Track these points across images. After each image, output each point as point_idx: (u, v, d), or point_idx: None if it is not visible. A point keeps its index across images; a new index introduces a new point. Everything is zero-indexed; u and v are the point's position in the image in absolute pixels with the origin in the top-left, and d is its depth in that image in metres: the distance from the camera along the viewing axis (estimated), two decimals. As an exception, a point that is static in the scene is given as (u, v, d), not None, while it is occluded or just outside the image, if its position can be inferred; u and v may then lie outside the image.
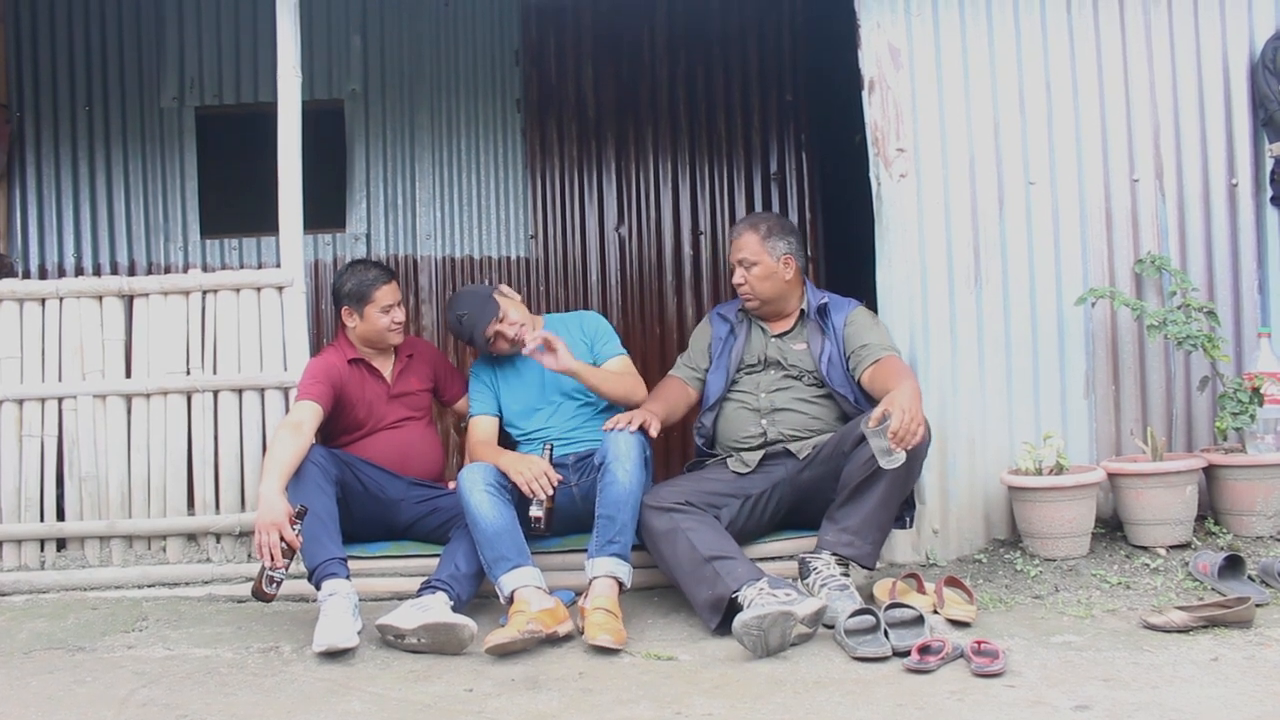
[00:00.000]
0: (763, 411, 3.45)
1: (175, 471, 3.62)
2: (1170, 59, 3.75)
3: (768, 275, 3.47)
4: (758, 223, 3.52)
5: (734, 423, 3.49)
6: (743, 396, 3.49)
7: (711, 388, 3.56)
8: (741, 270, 3.49)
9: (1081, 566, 3.33)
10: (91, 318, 3.67)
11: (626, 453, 3.15)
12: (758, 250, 3.46)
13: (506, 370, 3.68)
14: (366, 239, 5.42)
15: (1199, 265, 3.72)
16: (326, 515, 3.14)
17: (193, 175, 5.39)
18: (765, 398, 3.45)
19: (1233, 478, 3.46)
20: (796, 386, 3.45)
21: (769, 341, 3.53)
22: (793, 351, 3.49)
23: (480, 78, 5.46)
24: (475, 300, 3.59)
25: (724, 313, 3.66)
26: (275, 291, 3.64)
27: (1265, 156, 3.73)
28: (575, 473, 3.46)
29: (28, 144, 5.30)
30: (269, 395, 3.61)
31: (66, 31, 5.34)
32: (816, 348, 3.46)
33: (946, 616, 2.99)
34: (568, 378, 3.51)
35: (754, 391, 3.48)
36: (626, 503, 3.09)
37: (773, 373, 3.48)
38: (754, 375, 3.51)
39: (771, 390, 3.46)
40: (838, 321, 3.47)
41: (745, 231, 3.51)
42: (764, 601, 2.80)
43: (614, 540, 3.08)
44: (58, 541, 3.66)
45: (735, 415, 3.49)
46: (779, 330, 3.55)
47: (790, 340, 3.52)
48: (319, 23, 5.23)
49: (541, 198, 5.47)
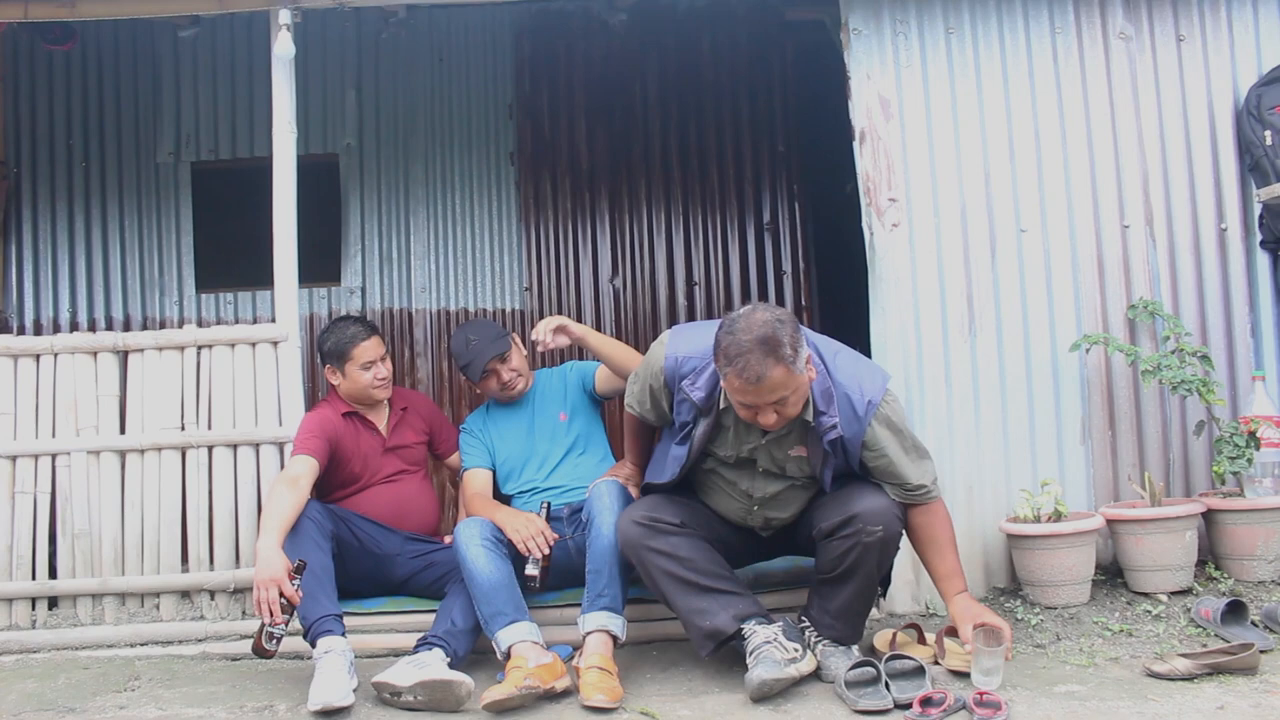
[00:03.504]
0: (754, 500, 3.04)
1: (169, 528, 3.60)
2: (1157, 107, 3.80)
3: (803, 396, 2.79)
4: (775, 348, 2.65)
5: (716, 498, 3.10)
6: (722, 484, 3.06)
7: (668, 461, 3.03)
8: (772, 410, 2.73)
9: (1083, 614, 3.31)
10: (86, 373, 3.66)
11: (610, 505, 3.13)
12: (793, 380, 2.70)
13: (499, 423, 3.68)
14: (361, 292, 5.43)
15: (1191, 310, 3.74)
16: (322, 571, 3.12)
17: (188, 230, 5.41)
18: (758, 494, 3.02)
19: (1232, 522, 3.45)
20: (789, 484, 3.01)
21: (758, 444, 2.92)
22: (789, 460, 2.94)
23: (474, 131, 5.50)
24: (489, 332, 3.63)
25: (692, 394, 2.89)
26: (270, 346, 3.64)
27: (1253, 201, 3.77)
28: (570, 525, 3.44)
29: (24, 200, 5.32)
30: (264, 450, 3.60)
31: (64, 88, 5.38)
32: (817, 460, 2.90)
33: (948, 667, 2.96)
34: (559, 429, 3.58)
35: (736, 483, 3.03)
36: (612, 555, 3.07)
37: (759, 472, 2.99)
38: (731, 469, 3.01)
39: (764, 487, 3.01)
40: (850, 435, 2.86)
41: (770, 369, 2.64)
42: (769, 655, 2.79)
43: (602, 594, 3.05)
44: (49, 600, 3.62)
45: (716, 494, 3.09)
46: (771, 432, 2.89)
47: (783, 444, 2.92)
48: (314, 78, 5.27)
49: (536, 250, 5.49)
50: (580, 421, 3.67)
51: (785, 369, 2.66)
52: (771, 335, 2.65)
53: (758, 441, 2.90)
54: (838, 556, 2.88)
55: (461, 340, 3.62)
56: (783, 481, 2.99)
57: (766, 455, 2.93)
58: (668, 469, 3.03)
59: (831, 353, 2.94)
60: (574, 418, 3.65)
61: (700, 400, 2.88)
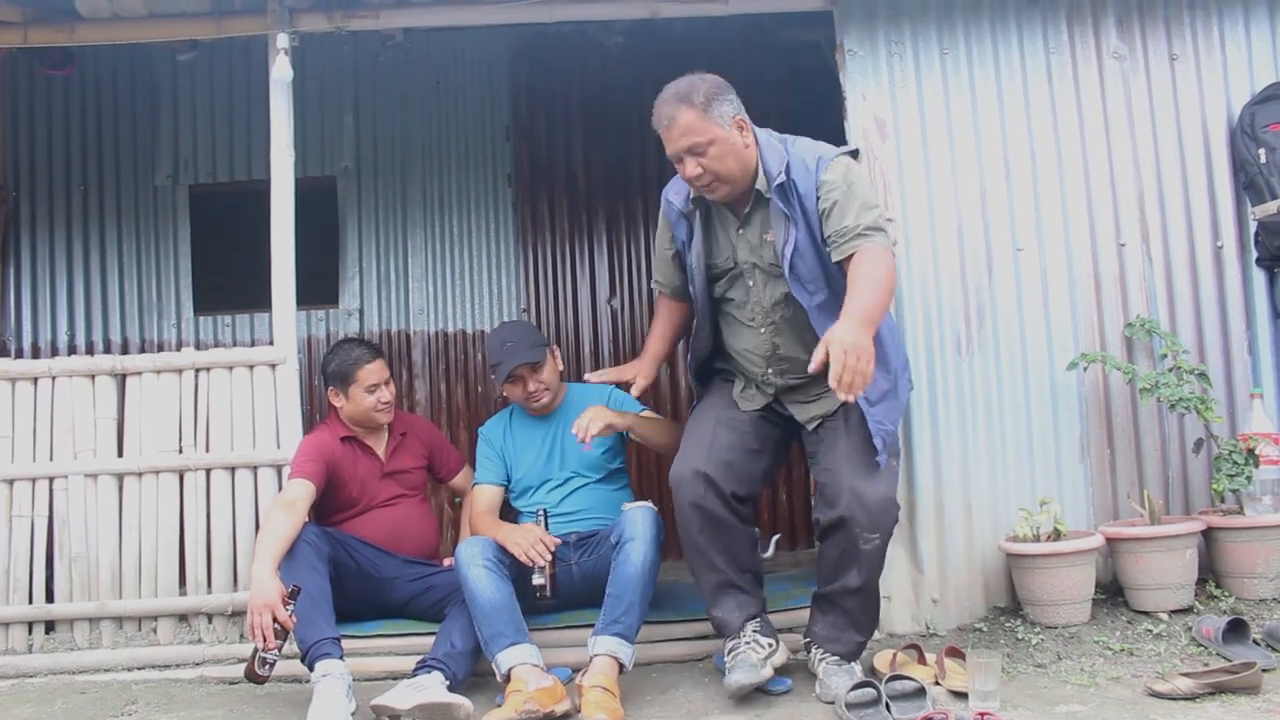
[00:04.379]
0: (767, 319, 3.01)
1: (167, 551, 3.59)
2: (1151, 125, 3.82)
3: (728, 151, 2.81)
4: (687, 94, 2.78)
5: (739, 338, 3.10)
6: (737, 314, 3.08)
7: (697, 306, 3.14)
8: (693, 160, 2.80)
9: (1083, 633, 3.30)
10: (84, 396, 3.66)
11: (644, 533, 3.11)
12: (704, 126, 2.77)
13: (520, 435, 3.63)
14: (359, 314, 5.43)
15: (1188, 327, 3.74)
16: (320, 595, 3.11)
17: (186, 253, 5.42)
18: (766, 302, 3.00)
19: (1232, 540, 3.44)
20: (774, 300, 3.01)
21: (738, 238, 2.98)
22: (765, 246, 2.93)
23: (471, 153, 5.52)
24: (527, 338, 3.57)
25: (673, 199, 3.07)
26: (268, 369, 3.64)
27: (1248, 219, 3.78)
28: (577, 551, 3.42)
29: (23, 223, 5.34)
30: (262, 473, 3.59)
31: (63, 112, 5.41)
32: (781, 236, 2.87)
33: (949, 688, 2.95)
34: (581, 455, 3.50)
35: (745, 304, 3.04)
36: (637, 585, 3.05)
37: (749, 280, 3.00)
38: (739, 292, 3.04)
39: (765, 293, 2.99)
40: (804, 189, 2.84)
41: (678, 111, 2.77)
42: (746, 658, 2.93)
43: (619, 620, 3.04)
44: (46, 624, 3.61)
45: (737, 332, 3.10)
46: (740, 213, 2.96)
47: (755, 229, 2.95)
48: (311, 101, 5.30)
49: (533, 271, 5.50)
50: (604, 453, 3.59)
51: (696, 113, 2.77)
52: (685, 85, 2.83)
53: (734, 236, 2.98)
54: (835, 566, 2.91)
55: (498, 339, 3.56)
56: (779, 282, 2.94)
57: (746, 246, 2.97)
58: (699, 309, 3.12)
59: (795, 138, 3.02)
60: (598, 446, 3.52)
61: (681, 203, 3.03)
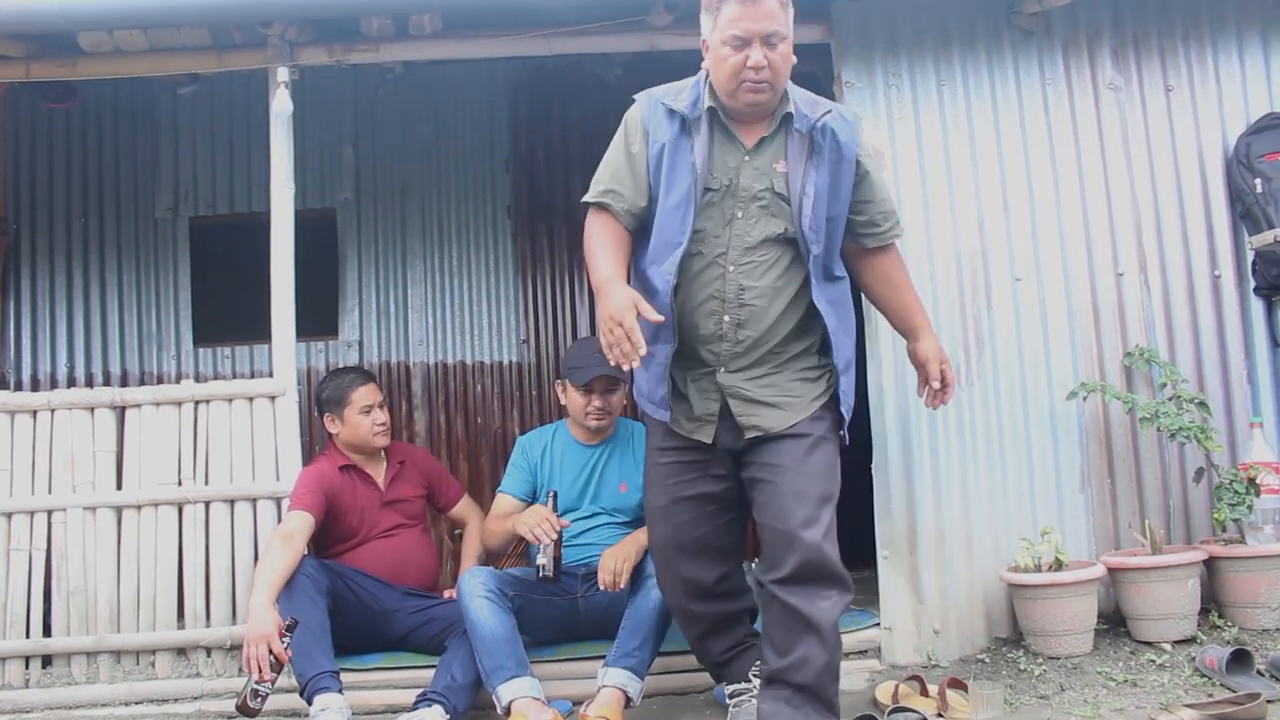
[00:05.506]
0: (730, 259, 2.60)
1: (165, 584, 3.57)
2: (1148, 155, 3.84)
3: (788, 59, 2.59)
4: None
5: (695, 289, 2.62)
6: (701, 257, 2.61)
7: (665, 232, 2.60)
8: (763, 51, 2.52)
9: (1086, 664, 3.28)
10: (83, 429, 3.65)
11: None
12: (785, 19, 2.55)
13: (557, 460, 3.54)
14: (359, 345, 5.43)
15: (1187, 356, 3.75)
16: (318, 627, 3.09)
17: (186, 285, 5.43)
18: (737, 242, 2.60)
19: (1234, 569, 3.43)
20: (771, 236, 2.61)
21: (741, 163, 2.61)
22: (774, 175, 2.60)
23: (471, 185, 5.54)
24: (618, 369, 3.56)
25: (672, 104, 2.64)
26: (268, 401, 3.64)
27: (1245, 248, 3.79)
28: (584, 584, 3.38)
29: (23, 255, 5.35)
30: (261, 505, 3.58)
31: (64, 145, 5.43)
32: (798, 174, 2.58)
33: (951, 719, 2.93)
34: (615, 497, 3.48)
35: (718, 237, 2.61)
36: (654, 621, 3.04)
37: (738, 210, 2.60)
38: (714, 209, 2.60)
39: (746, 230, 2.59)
40: (844, 139, 2.62)
41: None
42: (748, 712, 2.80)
43: (632, 654, 3.02)
44: (43, 658, 3.58)
45: (696, 283, 2.62)
46: (751, 140, 2.63)
47: (766, 155, 2.62)
48: (311, 133, 5.31)
49: (533, 302, 5.51)
50: (637, 501, 3.45)
51: (783, 6, 2.55)
52: None
53: (740, 159, 2.61)
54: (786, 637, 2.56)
55: (589, 347, 3.41)
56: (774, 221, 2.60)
57: (752, 172, 2.61)
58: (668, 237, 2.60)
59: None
60: (633, 493, 3.46)
61: (686, 107, 2.62)
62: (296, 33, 3.72)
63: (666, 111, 2.63)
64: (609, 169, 2.69)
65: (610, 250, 2.61)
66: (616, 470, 3.52)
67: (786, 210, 2.57)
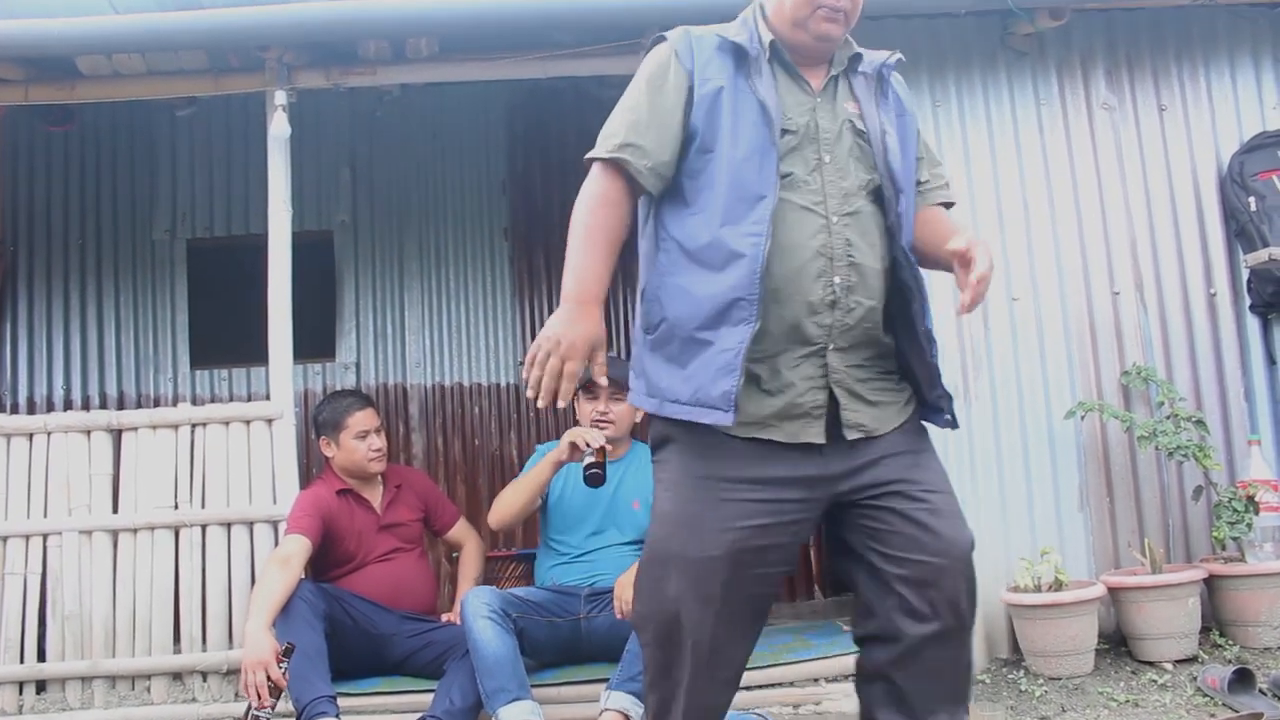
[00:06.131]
0: (833, 210, 2.07)
1: (161, 608, 3.55)
2: (1142, 175, 3.86)
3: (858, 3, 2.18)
4: None
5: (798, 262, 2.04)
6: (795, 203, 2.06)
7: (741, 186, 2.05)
8: None
9: (1087, 684, 3.27)
10: (79, 452, 3.64)
11: None
12: None
13: (573, 471, 3.46)
14: (356, 368, 5.43)
15: (1184, 375, 3.75)
16: (315, 652, 3.07)
17: (183, 307, 5.43)
18: (836, 219, 2.06)
19: (1234, 588, 3.42)
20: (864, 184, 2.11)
21: (814, 104, 2.13)
22: (850, 114, 2.15)
23: (468, 207, 5.55)
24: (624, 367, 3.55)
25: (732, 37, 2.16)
26: (265, 424, 3.63)
27: (1240, 266, 3.80)
28: (588, 604, 3.36)
29: (20, 278, 5.35)
30: (258, 529, 3.57)
31: (61, 168, 5.44)
32: (873, 113, 2.15)
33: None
34: (628, 514, 3.46)
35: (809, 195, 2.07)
36: None
37: (824, 154, 2.09)
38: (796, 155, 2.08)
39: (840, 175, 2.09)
40: (903, 95, 2.26)
41: None
42: None
43: (636, 678, 2.99)
44: (37, 683, 3.56)
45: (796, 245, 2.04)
46: (817, 81, 2.17)
47: (837, 97, 2.17)
48: (308, 155, 5.32)
49: (530, 324, 5.50)
50: (648, 519, 3.50)
51: None
52: None
53: (812, 101, 2.13)
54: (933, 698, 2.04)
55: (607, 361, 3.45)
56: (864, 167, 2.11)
57: (828, 113, 2.13)
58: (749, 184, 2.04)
59: None
60: (646, 510, 3.45)
61: (747, 39, 2.14)
62: (294, 56, 3.73)
63: (720, 46, 2.15)
64: (626, 119, 2.14)
65: (604, 244, 2.11)
66: (629, 488, 3.52)
67: (869, 155, 2.12)
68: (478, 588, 3.30)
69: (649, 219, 2.23)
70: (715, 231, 2.05)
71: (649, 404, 2.14)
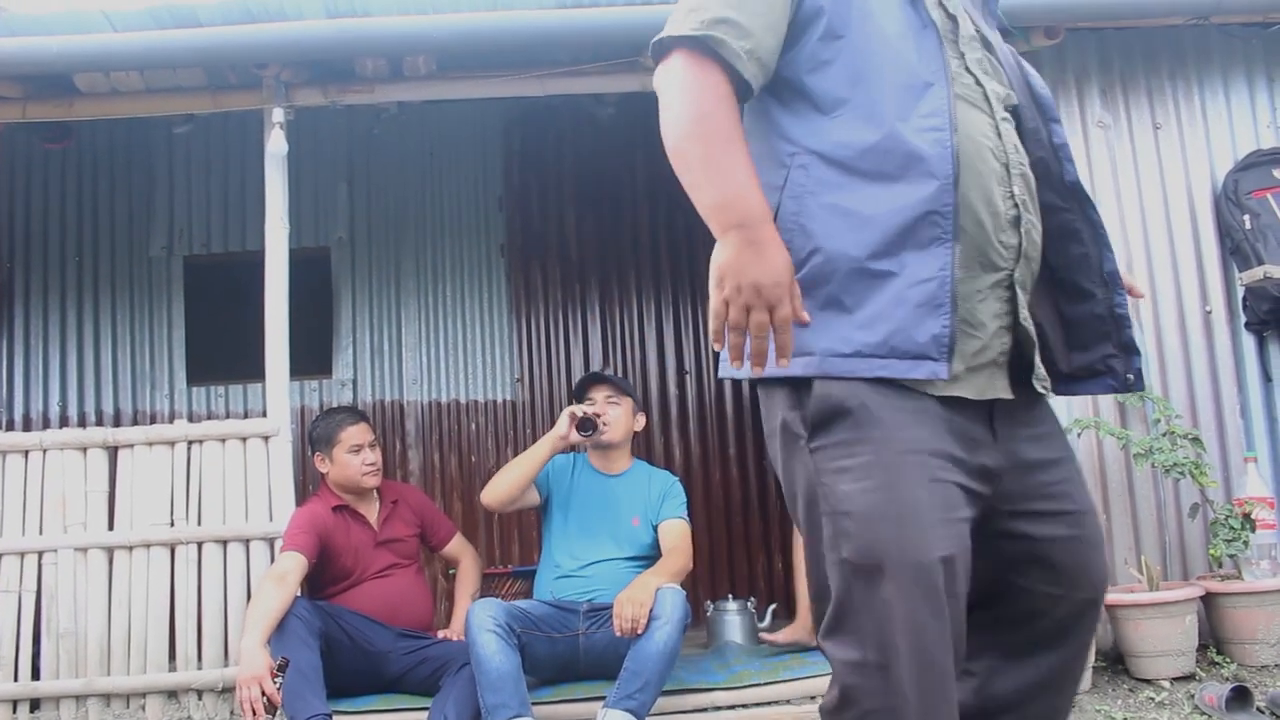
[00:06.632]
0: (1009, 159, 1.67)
1: (157, 625, 3.54)
2: (1137, 192, 3.87)
3: None
4: None
5: (976, 167, 1.62)
6: (962, 96, 1.65)
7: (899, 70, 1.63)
8: None
9: (1085, 702, 3.26)
10: (75, 469, 3.63)
11: (672, 615, 3.05)
12: None
13: (580, 484, 3.56)
14: (353, 384, 5.42)
15: (1180, 392, 3.76)
16: (310, 669, 3.06)
17: (180, 323, 5.42)
18: (1000, 118, 1.68)
19: (1231, 605, 3.42)
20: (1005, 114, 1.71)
21: None
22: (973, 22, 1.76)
23: (464, 224, 5.56)
24: (624, 383, 3.71)
25: None
26: (261, 441, 3.63)
27: (1236, 284, 3.81)
28: (586, 620, 3.35)
29: (16, 294, 5.35)
30: (254, 546, 3.56)
31: (58, 184, 5.44)
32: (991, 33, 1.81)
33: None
34: (626, 530, 3.48)
35: (971, 89, 1.67)
36: (657, 664, 3.00)
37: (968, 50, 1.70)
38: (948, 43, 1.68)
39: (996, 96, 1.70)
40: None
41: None
42: None
43: (633, 696, 2.99)
44: (31, 702, 3.54)
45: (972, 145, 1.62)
46: None
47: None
48: (306, 172, 5.33)
49: (527, 340, 5.51)
50: (647, 536, 3.52)
51: None
52: None
53: None
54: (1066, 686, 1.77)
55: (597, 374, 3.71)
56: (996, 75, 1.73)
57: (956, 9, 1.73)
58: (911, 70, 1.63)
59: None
60: (644, 526, 3.51)
61: None
62: (291, 74, 3.75)
63: None
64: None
65: (743, 144, 1.58)
66: (630, 504, 3.54)
67: (998, 71, 1.75)
68: (483, 599, 3.29)
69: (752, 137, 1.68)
70: (884, 130, 1.60)
71: (795, 366, 1.56)
